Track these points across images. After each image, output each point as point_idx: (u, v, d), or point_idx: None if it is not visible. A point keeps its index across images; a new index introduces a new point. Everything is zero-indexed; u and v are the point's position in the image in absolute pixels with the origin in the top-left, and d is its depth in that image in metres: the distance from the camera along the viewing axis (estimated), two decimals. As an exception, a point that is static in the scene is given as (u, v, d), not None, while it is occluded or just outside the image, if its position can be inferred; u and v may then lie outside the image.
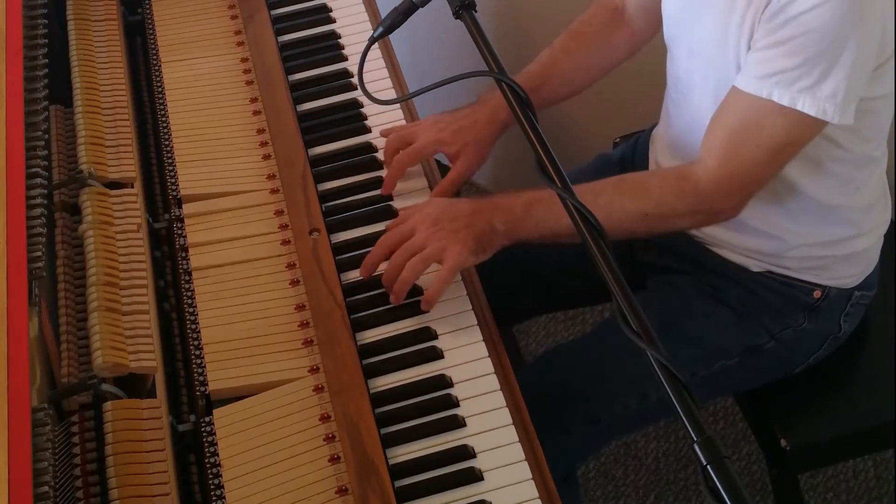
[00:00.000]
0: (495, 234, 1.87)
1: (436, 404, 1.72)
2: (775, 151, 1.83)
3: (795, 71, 1.74)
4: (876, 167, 2.01)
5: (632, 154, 2.32)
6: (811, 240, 2.02)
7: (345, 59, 2.25)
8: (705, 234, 2.09)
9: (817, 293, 2.05)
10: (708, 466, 1.20)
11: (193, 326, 1.79)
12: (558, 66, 2.19)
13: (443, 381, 1.74)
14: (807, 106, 1.75)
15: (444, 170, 2.07)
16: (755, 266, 2.06)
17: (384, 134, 2.08)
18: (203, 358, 1.75)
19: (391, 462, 1.64)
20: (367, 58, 1.85)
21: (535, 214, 1.87)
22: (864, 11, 1.71)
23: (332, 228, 1.94)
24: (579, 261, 1.74)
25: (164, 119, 2.11)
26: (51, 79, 1.98)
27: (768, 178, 1.88)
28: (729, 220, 1.94)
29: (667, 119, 2.16)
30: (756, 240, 2.04)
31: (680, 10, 1.99)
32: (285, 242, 1.91)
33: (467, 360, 1.77)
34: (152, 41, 2.27)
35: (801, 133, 1.81)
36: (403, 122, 2.13)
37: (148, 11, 2.33)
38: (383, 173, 2.04)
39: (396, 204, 1.99)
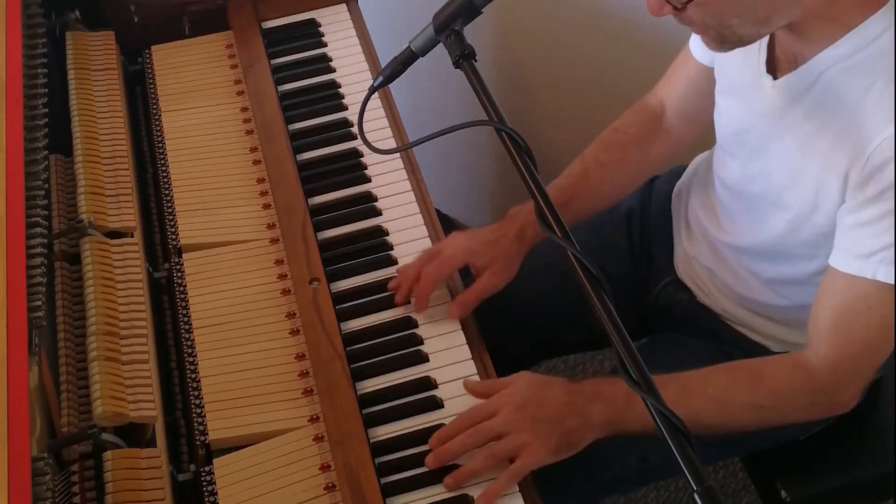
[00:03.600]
0: (590, 429, 1.77)
1: (436, 454, 1.74)
2: (887, 330, 1.75)
3: (893, 248, 1.68)
4: None
5: (641, 207, 2.31)
6: None
7: (345, 108, 2.28)
8: (729, 313, 2.09)
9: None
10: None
11: (193, 376, 1.82)
12: (590, 179, 2.14)
13: (443, 430, 1.76)
14: None
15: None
16: (776, 347, 2.05)
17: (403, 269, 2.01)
18: (203, 407, 1.78)
19: (392, 512, 1.66)
20: (368, 107, 1.86)
21: (640, 403, 1.51)
22: None
23: (332, 278, 1.97)
24: (579, 309, 1.74)
25: (164, 168, 2.14)
26: (51, 128, 2.01)
27: (883, 358, 1.81)
28: (846, 410, 1.86)
29: (710, 203, 2.11)
30: (784, 329, 2.03)
31: (737, 128, 1.95)
32: (285, 292, 1.93)
33: (468, 410, 1.79)
34: (152, 91, 2.31)
35: None
36: (403, 172, 2.15)
37: (148, 61, 2.37)
38: (380, 221, 2.07)
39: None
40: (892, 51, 1.65)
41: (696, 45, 2.06)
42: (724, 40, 1.69)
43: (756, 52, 1.84)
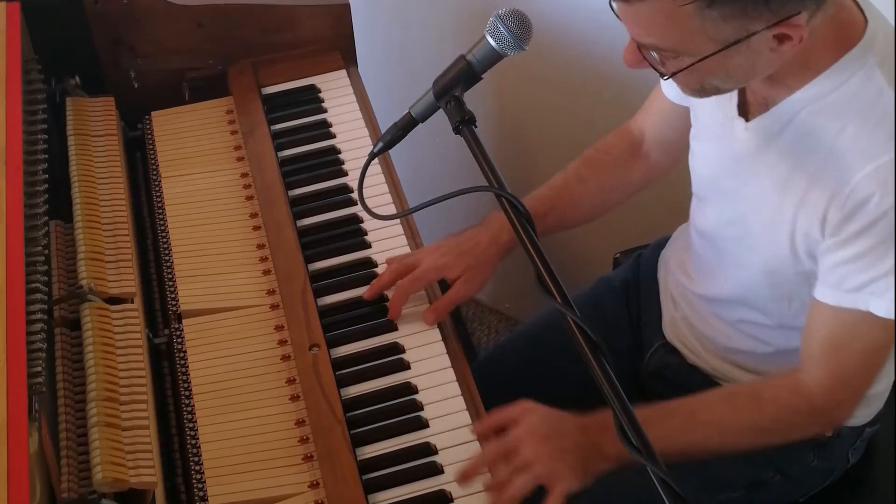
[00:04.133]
0: (602, 458, 1.82)
1: (436, 518, 1.76)
2: (878, 352, 1.83)
3: (886, 279, 1.72)
4: None
5: (635, 276, 2.35)
6: None
7: (345, 174, 2.31)
8: (718, 371, 2.12)
9: (828, 432, 2.05)
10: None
11: (194, 441, 1.85)
12: (570, 193, 2.22)
13: (443, 497, 1.79)
14: None
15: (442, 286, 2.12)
16: None
17: (389, 261, 2.12)
18: (203, 473, 1.80)
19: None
20: (368, 173, 1.89)
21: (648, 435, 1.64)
22: None
23: (332, 343, 1.99)
24: (579, 373, 1.77)
25: (164, 234, 2.18)
26: (51, 194, 2.04)
27: (874, 378, 1.87)
28: (844, 423, 1.97)
29: (688, 259, 2.16)
30: None
31: (711, 171, 2.00)
32: (285, 358, 1.96)
33: (468, 475, 1.81)
34: (152, 156, 2.35)
35: None
36: (403, 238, 2.19)
37: (148, 127, 2.42)
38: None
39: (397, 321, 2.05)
40: (863, 93, 1.70)
41: (668, 87, 2.12)
42: (702, 91, 1.75)
43: (728, 98, 1.89)
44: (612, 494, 1.95)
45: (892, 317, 1.73)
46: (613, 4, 1.66)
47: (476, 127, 1.71)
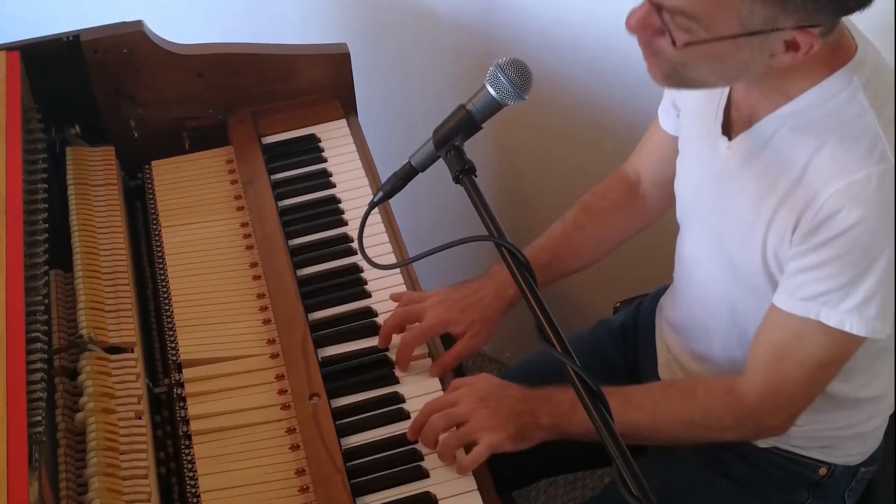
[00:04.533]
0: (538, 427, 1.94)
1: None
2: (819, 369, 1.86)
3: (841, 291, 1.76)
4: (888, 357, 2.03)
5: (633, 321, 2.39)
6: (821, 423, 2.04)
7: (345, 223, 2.34)
8: None
9: (823, 470, 2.09)
10: None
11: (194, 490, 1.86)
12: (570, 241, 2.26)
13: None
14: (854, 327, 1.78)
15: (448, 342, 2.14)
16: (762, 443, 2.09)
17: (394, 298, 2.16)
18: (203, 523, 1.81)
19: None
20: (368, 222, 1.91)
21: (581, 411, 1.75)
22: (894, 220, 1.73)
23: (332, 393, 2.01)
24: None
25: (164, 283, 2.20)
26: (51, 243, 2.07)
27: (814, 394, 1.90)
28: (779, 435, 1.98)
29: (672, 294, 2.22)
30: None
31: (695, 193, 2.04)
32: (285, 407, 1.98)
33: (469, 526, 1.83)
34: (152, 206, 2.37)
35: (843, 351, 1.84)
36: (403, 287, 2.21)
37: (148, 176, 2.45)
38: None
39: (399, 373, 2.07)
40: (845, 112, 1.75)
41: (664, 116, 2.17)
42: (671, 77, 1.77)
43: (713, 118, 1.94)
44: None
45: (843, 328, 1.78)
46: None
47: (476, 176, 1.73)
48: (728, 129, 1.92)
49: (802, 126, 1.78)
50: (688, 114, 2.05)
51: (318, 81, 2.61)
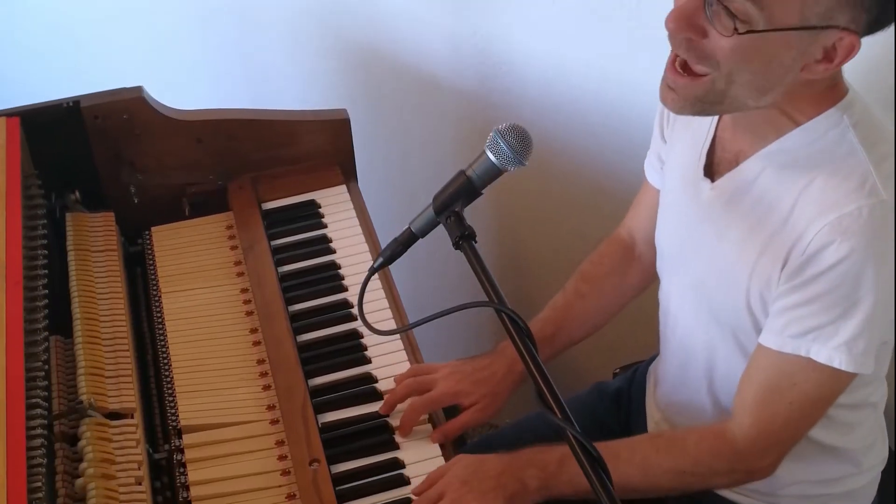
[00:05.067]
0: (527, 492, 1.94)
1: None
2: (808, 407, 1.87)
3: (830, 327, 1.78)
4: (873, 410, 2.08)
5: (629, 386, 2.42)
6: (807, 477, 2.06)
7: (345, 289, 2.36)
8: None
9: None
10: None
11: (194, 557, 1.88)
12: (573, 310, 2.29)
13: None
14: (843, 363, 1.79)
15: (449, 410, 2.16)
16: (749, 503, 2.12)
17: (398, 380, 2.16)
18: (202, 587, 1.83)
19: None
20: (367, 288, 1.93)
21: (568, 470, 1.91)
22: (884, 255, 1.75)
23: (332, 459, 2.02)
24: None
25: (164, 349, 2.22)
26: (51, 309, 2.09)
27: (803, 433, 1.92)
28: (765, 478, 1.98)
29: (660, 350, 2.25)
30: None
31: (676, 244, 2.08)
32: (285, 473, 1.99)
33: None
34: (152, 271, 2.40)
35: (833, 388, 1.85)
36: (403, 353, 2.22)
37: (148, 242, 2.47)
38: (381, 404, 2.13)
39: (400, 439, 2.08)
40: (835, 150, 1.78)
41: (650, 170, 2.21)
42: (702, 100, 1.74)
43: (696, 161, 1.96)
44: None
45: (832, 365, 1.79)
46: None
47: (476, 242, 1.74)
48: (711, 172, 1.95)
49: (791, 164, 1.81)
50: (671, 163, 2.09)
51: (318, 147, 2.64)
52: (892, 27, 1.71)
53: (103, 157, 2.53)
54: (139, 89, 2.52)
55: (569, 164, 2.85)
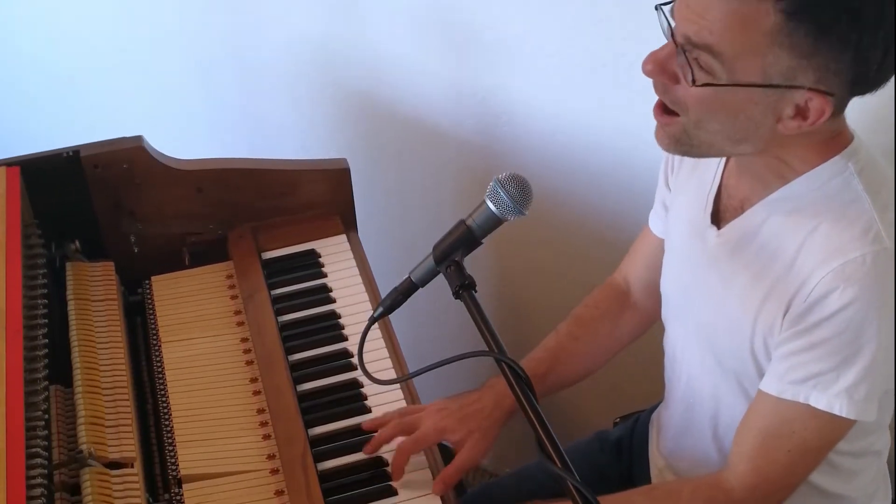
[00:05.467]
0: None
1: None
2: (807, 454, 1.87)
3: (832, 373, 1.78)
4: (876, 458, 2.08)
5: (630, 435, 2.43)
6: None
7: (345, 338, 2.38)
8: None
9: None
10: None
11: None
12: (565, 352, 2.30)
13: None
14: (844, 410, 1.80)
15: (446, 453, 2.18)
16: None
17: (387, 416, 2.17)
18: None
19: None
20: (368, 337, 1.95)
21: None
22: (887, 302, 1.75)
23: (333, 509, 2.04)
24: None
25: (164, 399, 2.24)
26: (51, 358, 2.11)
27: (800, 481, 1.92)
28: None
29: (664, 397, 2.27)
30: None
31: (681, 290, 2.10)
32: (286, 522, 2.01)
33: None
34: (152, 321, 2.42)
35: (833, 435, 1.86)
36: (404, 403, 2.24)
37: (148, 291, 2.50)
38: (380, 452, 2.14)
39: (398, 485, 2.09)
40: (840, 196, 1.79)
41: (655, 219, 2.23)
42: (681, 140, 1.79)
43: (703, 209, 1.98)
44: None
45: (832, 411, 1.79)
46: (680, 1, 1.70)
47: (476, 291, 1.76)
48: (717, 219, 1.97)
49: (795, 210, 1.82)
50: (676, 211, 2.10)
51: (318, 197, 2.66)
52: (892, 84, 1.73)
53: (103, 206, 2.55)
54: (139, 139, 2.55)
55: (569, 214, 2.88)
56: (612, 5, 2.51)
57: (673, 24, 1.72)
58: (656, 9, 1.73)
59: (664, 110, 1.79)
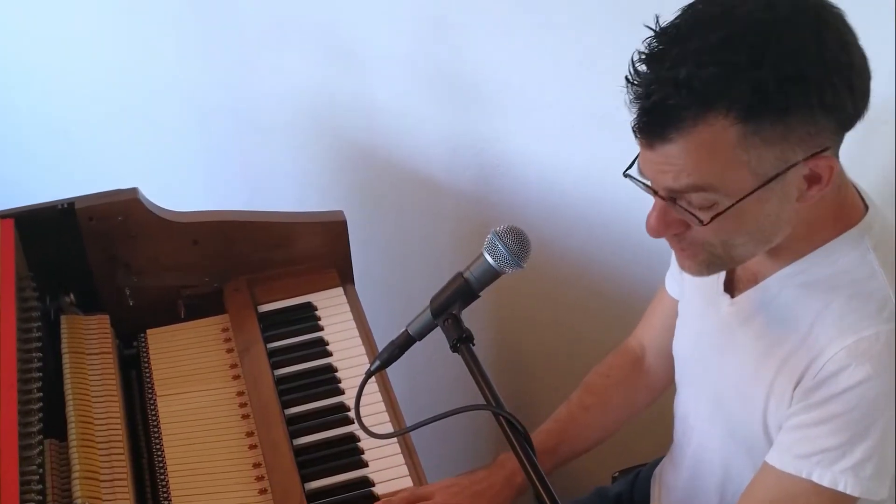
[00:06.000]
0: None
1: None
2: None
3: (838, 450, 1.77)
4: None
5: (630, 490, 2.44)
6: None
7: (341, 392, 2.39)
8: None
9: None
10: None
11: None
12: (576, 423, 2.30)
13: None
14: (849, 487, 1.78)
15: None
16: None
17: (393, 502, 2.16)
18: None
19: None
20: (364, 391, 1.94)
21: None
22: None
23: (328, 563, 2.05)
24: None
25: (159, 453, 2.25)
26: (45, 412, 2.12)
27: None
28: None
29: (670, 457, 2.27)
30: None
31: (694, 356, 2.09)
32: (281, 577, 2.02)
33: None
34: (147, 375, 2.43)
35: None
36: (400, 457, 2.25)
37: (143, 345, 2.51)
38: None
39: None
40: (855, 272, 1.79)
41: (671, 281, 2.23)
42: (712, 263, 1.80)
43: (716, 276, 1.97)
44: None
45: (837, 488, 1.78)
46: (642, 158, 1.73)
47: (474, 344, 1.77)
48: (731, 287, 1.97)
49: (810, 284, 1.82)
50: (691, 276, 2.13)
51: (314, 249, 2.68)
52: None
53: (98, 259, 2.57)
54: (134, 191, 2.57)
55: (568, 267, 2.89)
56: (611, 55, 2.53)
57: (650, 182, 1.74)
58: (625, 176, 1.77)
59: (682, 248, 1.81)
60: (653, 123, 1.68)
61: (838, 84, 1.64)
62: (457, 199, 3.03)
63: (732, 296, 1.96)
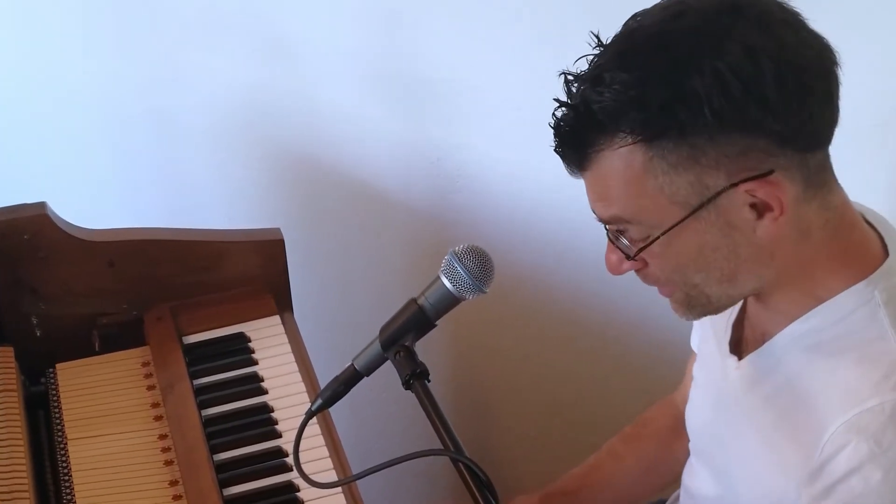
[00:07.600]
0: None
1: None
2: None
3: None
4: None
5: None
6: None
7: (278, 435, 2.38)
8: None
9: None
10: None
11: None
12: (602, 471, 2.30)
13: None
14: None
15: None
16: None
17: None
18: None
19: None
20: (305, 434, 1.92)
21: None
22: None
23: None
24: None
25: (70, 504, 2.23)
26: (-62, 459, 2.11)
27: None
28: None
29: None
30: None
31: (703, 426, 2.09)
32: None
33: None
34: (57, 415, 2.41)
35: None
36: (346, 508, 2.25)
37: (52, 381, 2.49)
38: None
39: None
40: (863, 333, 1.75)
41: (694, 336, 2.22)
42: (691, 303, 1.81)
43: (723, 333, 1.98)
44: None
45: None
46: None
47: (429, 381, 1.77)
48: (739, 348, 1.96)
49: (816, 346, 1.79)
50: (705, 334, 2.11)
51: (247, 272, 2.68)
52: None
53: (1, 283, 2.55)
54: (42, 205, 2.56)
55: (535, 291, 2.90)
56: (587, 52, 2.55)
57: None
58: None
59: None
60: (567, 153, 1.74)
61: (741, 98, 1.62)
62: (410, 215, 3.03)
63: (740, 358, 1.95)
